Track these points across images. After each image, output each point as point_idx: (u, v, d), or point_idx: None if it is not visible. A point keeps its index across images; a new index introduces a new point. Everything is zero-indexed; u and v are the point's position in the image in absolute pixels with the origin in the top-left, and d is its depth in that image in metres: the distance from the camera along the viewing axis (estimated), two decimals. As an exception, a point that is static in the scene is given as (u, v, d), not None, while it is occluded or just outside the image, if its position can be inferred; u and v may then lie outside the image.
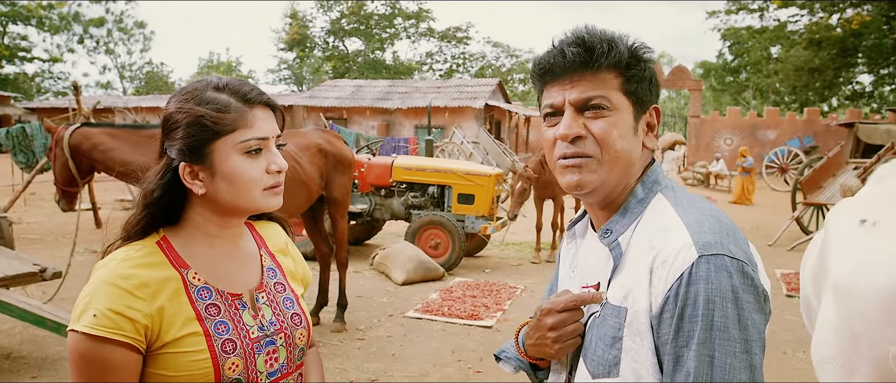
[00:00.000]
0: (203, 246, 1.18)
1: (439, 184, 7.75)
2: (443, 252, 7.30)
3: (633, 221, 1.06)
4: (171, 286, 1.11)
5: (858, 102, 28.98)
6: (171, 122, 1.15)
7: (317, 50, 44.14)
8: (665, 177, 1.12)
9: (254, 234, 1.32)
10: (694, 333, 0.91)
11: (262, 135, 1.14)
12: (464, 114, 23.06)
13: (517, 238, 9.42)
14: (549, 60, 1.06)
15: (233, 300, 1.17)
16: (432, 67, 45.23)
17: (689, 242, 0.95)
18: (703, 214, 1.01)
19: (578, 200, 7.14)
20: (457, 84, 26.57)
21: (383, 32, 43.19)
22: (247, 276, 1.23)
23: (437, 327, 5.21)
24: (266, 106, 1.18)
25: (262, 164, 1.15)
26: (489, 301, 5.98)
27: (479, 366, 4.35)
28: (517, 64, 46.32)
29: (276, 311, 1.23)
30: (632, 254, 1.03)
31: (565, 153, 1.05)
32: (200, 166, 1.13)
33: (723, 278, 0.91)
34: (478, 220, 7.52)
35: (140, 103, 26.98)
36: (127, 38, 46.47)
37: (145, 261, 1.12)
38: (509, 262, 8.03)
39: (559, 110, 1.06)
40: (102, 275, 1.09)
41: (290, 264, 1.35)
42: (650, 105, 1.09)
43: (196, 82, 1.18)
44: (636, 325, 0.99)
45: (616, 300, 1.02)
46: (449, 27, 43.54)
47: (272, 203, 1.18)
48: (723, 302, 0.90)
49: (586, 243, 1.19)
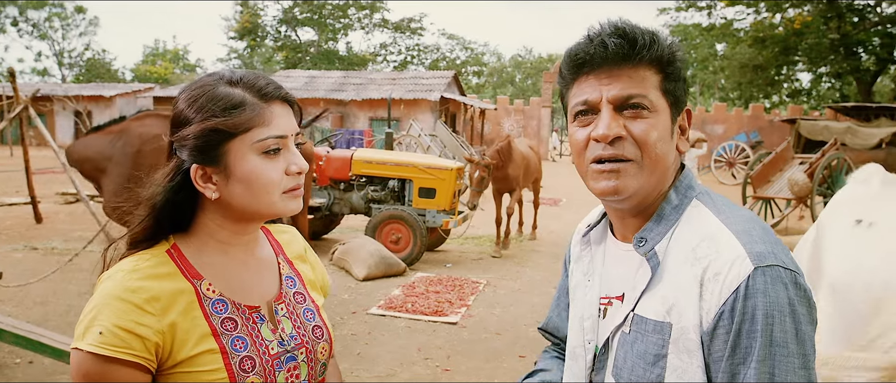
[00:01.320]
0: (217, 254, 1.08)
1: (400, 177, 7.65)
2: (404, 247, 7.20)
3: (668, 229, 1.00)
4: (184, 299, 1.02)
5: (797, 99, 30.14)
6: (180, 121, 1.04)
7: (268, 39, 43.16)
8: (697, 182, 1.06)
9: (270, 240, 1.22)
10: (752, 350, 0.86)
11: (280, 133, 1.04)
12: (419, 106, 22.93)
13: (476, 231, 9.39)
14: (588, 51, 0.97)
15: (250, 313, 1.07)
16: (386, 59, 44.85)
17: (741, 253, 0.90)
18: (749, 222, 0.96)
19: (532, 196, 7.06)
20: (412, 76, 26.40)
21: (337, 22, 42.53)
22: (264, 286, 1.13)
23: (401, 324, 5.12)
24: (284, 101, 1.07)
25: (280, 165, 1.05)
26: (452, 296, 5.93)
27: (447, 364, 4.29)
28: (471, 56, 46.38)
29: (296, 324, 1.13)
30: (670, 265, 0.97)
31: (602, 155, 0.97)
32: (214, 168, 1.03)
33: (780, 291, 0.86)
34: (439, 214, 7.45)
35: (81, 92, 25.86)
36: (66, 23, 44.42)
37: (155, 271, 1.01)
38: (470, 256, 8.00)
39: (594, 108, 0.99)
40: (109, 287, 0.98)
41: (309, 272, 1.25)
42: (684, 106, 1.03)
43: (207, 76, 1.07)
44: (684, 342, 0.92)
45: (656, 314, 0.96)
46: (403, 18, 43.20)
47: (292, 207, 1.07)
48: (781, 317, 0.85)
49: (606, 250, 1.12)
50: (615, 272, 1.08)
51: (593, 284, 1.11)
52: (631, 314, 1.00)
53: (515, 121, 29.55)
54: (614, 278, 1.07)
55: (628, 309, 1.00)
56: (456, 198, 7.75)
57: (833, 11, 23.08)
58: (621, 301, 1.04)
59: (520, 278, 6.86)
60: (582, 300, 1.13)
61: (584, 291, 1.13)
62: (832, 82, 29.53)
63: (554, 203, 13.33)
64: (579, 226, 1.27)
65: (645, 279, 0.99)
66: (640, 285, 0.99)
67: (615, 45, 0.95)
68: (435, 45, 45.52)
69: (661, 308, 0.95)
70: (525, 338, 4.89)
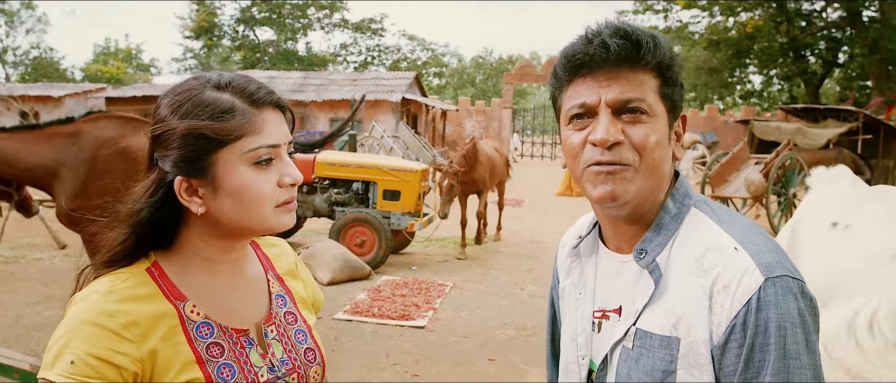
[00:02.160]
0: (202, 272, 0.99)
1: (364, 180, 7.56)
2: (369, 250, 7.12)
3: (668, 239, 0.97)
4: (166, 323, 0.93)
5: (750, 101, 31.05)
6: (163, 129, 0.94)
7: (226, 39, 42.26)
8: (693, 190, 1.04)
9: (259, 254, 1.13)
10: (766, 363, 0.84)
11: (272, 142, 0.96)
12: (381, 107, 22.75)
13: (440, 233, 9.35)
14: (587, 51, 0.93)
15: (238, 337, 0.99)
16: (346, 59, 44.41)
17: (750, 264, 0.87)
18: (751, 231, 0.94)
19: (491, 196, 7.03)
20: (373, 77, 26.19)
21: (296, 22, 41.93)
22: (253, 307, 1.05)
23: (368, 329, 5.04)
24: (276, 107, 0.99)
25: (273, 176, 0.97)
26: (419, 299, 5.87)
27: (416, 369, 4.24)
28: (432, 57, 46.31)
29: (287, 347, 1.05)
30: (673, 277, 0.94)
31: (600, 160, 0.93)
32: (200, 181, 0.94)
33: (790, 302, 0.85)
34: (404, 217, 7.39)
35: (27, 91, 24.88)
36: (11, 20, 42.67)
37: (134, 292, 0.93)
38: (435, 259, 7.95)
39: (591, 111, 0.95)
40: (81, 311, 0.89)
41: (300, 288, 1.16)
42: (680, 111, 1.00)
43: (191, 80, 0.98)
44: (694, 357, 0.89)
45: (662, 329, 0.92)
46: (363, 18, 42.84)
47: (285, 221, 0.99)
48: (793, 328, 0.84)
49: (597, 262, 1.08)
50: (610, 284, 1.04)
51: (585, 298, 1.07)
52: (633, 328, 0.96)
53: (477, 122, 29.62)
54: (609, 291, 1.04)
55: (629, 323, 0.97)
56: (421, 200, 7.69)
57: (782, 16, 23.84)
58: (619, 314, 1.00)
59: (485, 280, 6.85)
60: (574, 314, 1.09)
61: (575, 305, 1.09)
62: (782, 84, 30.52)
63: (517, 204, 13.39)
64: (564, 239, 1.22)
65: (647, 292, 0.95)
66: (642, 298, 0.96)
67: (617, 46, 0.91)
68: (396, 46, 45.24)
69: (666, 322, 0.92)
70: (493, 341, 4.87)
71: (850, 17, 23.03)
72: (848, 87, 26.05)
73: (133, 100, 23.08)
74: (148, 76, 46.13)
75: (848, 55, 25.56)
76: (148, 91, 23.95)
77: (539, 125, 30.64)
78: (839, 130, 15.76)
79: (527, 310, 5.71)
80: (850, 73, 26.20)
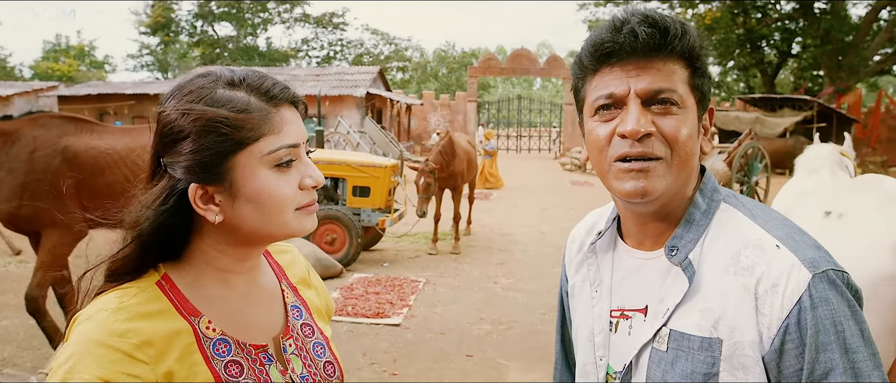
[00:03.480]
0: (216, 285, 0.92)
1: (333, 176, 7.44)
2: (339, 247, 7.02)
3: (700, 235, 0.93)
4: (181, 341, 0.86)
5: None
6: (173, 131, 0.86)
7: (183, 34, 41.26)
8: (719, 184, 1.01)
9: (271, 262, 1.05)
10: (834, 361, 0.82)
11: (292, 142, 0.90)
12: (345, 102, 22.51)
13: (411, 228, 9.29)
14: (616, 40, 0.89)
15: (256, 353, 0.93)
16: (308, 54, 43.82)
17: (795, 261, 0.85)
18: (787, 226, 0.92)
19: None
20: (336, 72, 25.91)
21: (256, 17, 41.18)
22: (269, 320, 0.98)
23: (343, 328, 4.96)
24: (292, 103, 0.92)
25: (294, 179, 0.90)
26: (393, 296, 5.81)
27: (394, 368, 4.18)
28: (395, 51, 46.03)
29: (306, 362, 0.99)
30: (706, 274, 0.91)
31: (629, 153, 0.89)
32: (217, 187, 0.87)
33: (840, 295, 0.84)
34: (375, 213, 7.31)
35: (-26, 91, 23.85)
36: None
37: (145, 309, 0.85)
38: (406, 255, 7.89)
39: (619, 102, 0.91)
40: (90, 331, 0.81)
41: (314, 298, 1.10)
42: (709, 103, 0.97)
43: (199, 77, 0.90)
44: (738, 358, 0.86)
45: (699, 330, 0.89)
46: (325, 13, 42.31)
47: (307, 226, 0.93)
48: (848, 322, 0.83)
49: (614, 259, 1.04)
50: (630, 282, 1.00)
51: (602, 296, 1.04)
52: (665, 330, 0.92)
53: (441, 116, 29.57)
54: (630, 289, 1.00)
55: (658, 323, 0.93)
56: (391, 195, 7.62)
57: (739, 8, 24.38)
58: (644, 314, 0.96)
59: (458, 275, 6.82)
60: (589, 313, 1.05)
61: (591, 304, 1.05)
62: (739, 74, 31.25)
63: (486, 197, 13.40)
64: (574, 234, 1.18)
65: (679, 291, 0.92)
66: (673, 297, 0.92)
67: (646, 34, 0.88)
68: (359, 40, 44.81)
69: (704, 322, 0.89)
70: (470, 337, 4.84)
71: (802, 9, 23.69)
72: (802, 77, 26.83)
73: (87, 99, 22.36)
74: (102, 74, 44.72)
75: (801, 46, 26.31)
76: (103, 89, 23.22)
77: (503, 118, 30.77)
78: (795, 119, 16.20)
79: (501, 304, 5.71)
80: (803, 63, 26.97)
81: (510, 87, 57.62)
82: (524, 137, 29.89)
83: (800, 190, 2.10)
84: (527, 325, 5.13)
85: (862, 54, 22.58)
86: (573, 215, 11.25)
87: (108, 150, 4.05)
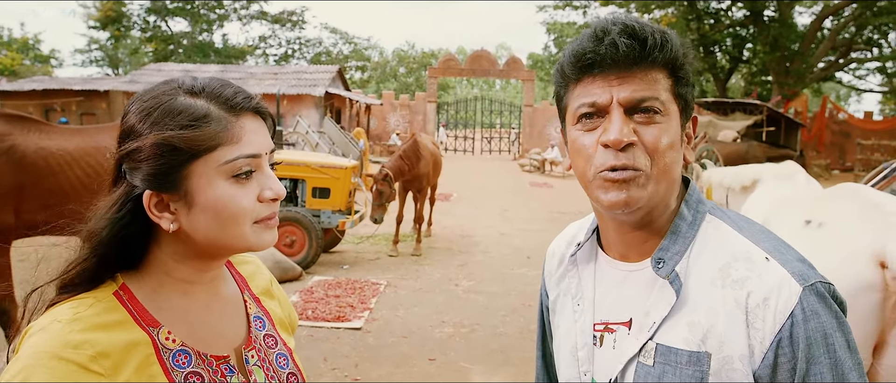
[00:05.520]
0: (176, 295, 0.90)
1: (291, 177, 7.31)
2: (298, 250, 6.90)
3: (686, 247, 0.93)
4: (139, 353, 0.83)
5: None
6: (131, 138, 0.86)
7: (135, 29, 40.03)
8: (703, 195, 1.01)
9: (232, 273, 1.03)
10: (824, 374, 0.83)
11: (252, 152, 0.87)
12: (303, 101, 22.21)
13: (371, 230, 9.20)
14: (597, 51, 0.88)
15: (218, 364, 0.91)
16: (266, 52, 43.06)
17: (785, 274, 0.86)
18: (773, 238, 0.92)
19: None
20: (295, 70, 25.54)
21: (212, 13, 40.26)
22: (231, 330, 0.97)
23: (303, 333, 4.86)
24: (255, 113, 0.90)
25: (252, 190, 0.88)
26: (353, 300, 5.73)
27: (356, 373, 4.12)
28: (354, 51, 45.64)
29: (269, 373, 0.97)
30: (693, 287, 0.90)
31: (614, 164, 0.88)
32: (172, 195, 0.85)
33: (828, 308, 0.85)
34: (335, 215, 7.21)
35: None
36: None
37: (101, 320, 0.82)
38: (367, 257, 7.81)
39: (603, 110, 0.90)
40: (42, 342, 0.78)
41: (277, 309, 1.07)
42: (692, 112, 0.97)
43: (162, 85, 0.88)
44: (728, 373, 0.86)
45: (687, 344, 0.88)
46: (282, 11, 41.65)
47: (266, 240, 0.90)
48: (836, 334, 0.84)
49: (596, 270, 1.02)
50: (613, 295, 0.99)
51: (584, 309, 1.02)
52: (651, 344, 0.91)
53: (401, 116, 29.47)
54: (612, 301, 0.99)
55: (644, 337, 0.92)
56: (351, 197, 7.53)
57: (693, 13, 25.02)
58: (628, 327, 0.95)
59: (420, 277, 6.79)
60: (572, 328, 1.03)
61: (573, 317, 1.03)
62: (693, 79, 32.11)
63: (446, 198, 13.39)
64: (553, 247, 1.16)
65: (666, 304, 0.91)
66: (660, 311, 0.91)
67: (626, 46, 0.87)
68: (317, 39, 44.23)
69: (691, 336, 0.88)
70: (433, 340, 4.81)
71: (752, 16, 24.46)
72: (752, 82, 27.68)
73: (32, 95, 21.48)
74: (48, 69, 42.97)
75: (751, 52, 27.15)
76: (49, 84, 22.32)
77: (462, 119, 30.84)
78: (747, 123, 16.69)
79: (463, 307, 5.69)
80: (753, 68, 27.85)
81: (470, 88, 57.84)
82: (484, 139, 30.03)
83: (779, 198, 2.14)
84: (489, 328, 5.13)
85: (807, 61, 23.46)
86: (533, 216, 11.35)
87: (58, 151, 3.87)
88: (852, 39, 24.42)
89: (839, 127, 23.46)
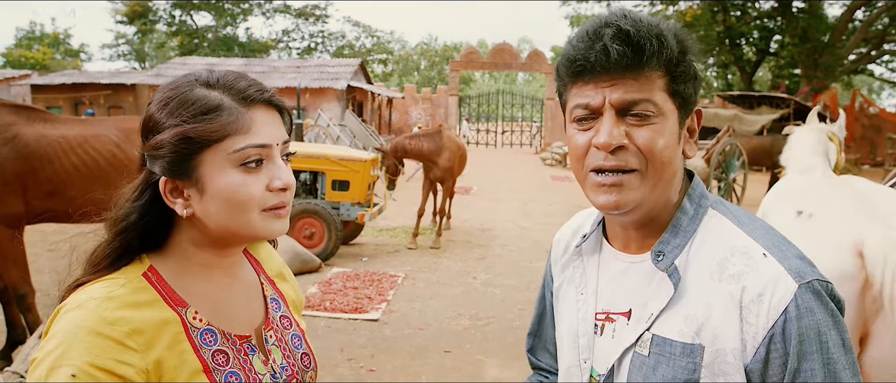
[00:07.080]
0: (199, 277, 0.96)
1: (312, 170, 7.37)
2: (318, 242, 6.96)
3: (686, 241, 0.93)
4: (170, 331, 0.89)
5: (688, 88, 32.15)
6: (152, 127, 0.91)
7: (161, 24, 40.60)
8: (706, 190, 1.00)
9: (249, 258, 1.08)
10: (815, 372, 0.83)
11: (261, 142, 0.91)
12: (325, 95, 22.35)
13: (390, 223, 9.26)
14: (588, 58, 0.88)
15: (241, 343, 0.97)
16: (289, 46, 43.39)
17: (781, 270, 0.85)
18: (773, 234, 0.92)
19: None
20: (317, 64, 25.69)
21: (236, 7, 40.66)
22: (251, 312, 1.02)
23: (320, 323, 4.92)
24: (268, 105, 0.94)
25: (262, 179, 0.92)
26: (371, 291, 5.78)
27: (372, 364, 4.15)
28: (377, 44, 45.76)
29: (285, 353, 1.03)
30: (691, 280, 0.91)
31: (603, 166, 0.89)
32: (185, 182, 0.91)
33: (824, 306, 0.84)
34: (354, 207, 7.25)
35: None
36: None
37: (134, 298, 0.88)
38: (386, 249, 7.86)
39: (596, 112, 0.90)
40: (79, 319, 0.82)
41: (290, 291, 1.14)
42: (693, 107, 0.96)
43: (183, 76, 0.94)
44: (720, 365, 0.86)
45: (682, 335, 0.89)
46: (306, 4, 41.90)
47: (275, 228, 0.94)
48: (830, 332, 0.84)
49: (600, 261, 1.04)
50: (615, 285, 1.00)
51: (587, 298, 1.03)
52: (647, 334, 0.92)
53: (423, 109, 29.52)
54: (614, 292, 1.00)
55: (641, 328, 0.93)
56: (371, 189, 7.58)
57: (719, 5, 24.59)
58: (628, 317, 0.96)
59: (437, 270, 6.81)
60: (574, 316, 1.05)
61: (576, 306, 1.05)
62: (718, 71, 31.60)
63: (466, 192, 13.40)
64: (560, 235, 1.18)
65: (664, 296, 0.92)
66: (657, 302, 0.92)
67: (618, 53, 0.87)
68: (340, 32, 44.48)
69: (686, 328, 0.89)
70: (449, 333, 4.83)
71: (780, 8, 23.96)
72: (779, 75, 27.16)
73: (62, 88, 21.94)
74: (78, 62, 43.84)
75: (779, 44, 26.63)
76: (78, 78, 22.79)
77: (484, 112, 30.78)
78: (773, 116, 16.41)
79: (480, 300, 5.70)
80: (781, 61, 27.31)
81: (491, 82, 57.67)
82: (505, 132, 29.93)
83: (784, 190, 2.12)
84: (505, 321, 5.13)
85: (837, 53, 22.93)
86: (554, 210, 11.30)
87: (59, 139, 3.96)
88: (885, 31, 23.80)
89: (870, 121, 22.92)
